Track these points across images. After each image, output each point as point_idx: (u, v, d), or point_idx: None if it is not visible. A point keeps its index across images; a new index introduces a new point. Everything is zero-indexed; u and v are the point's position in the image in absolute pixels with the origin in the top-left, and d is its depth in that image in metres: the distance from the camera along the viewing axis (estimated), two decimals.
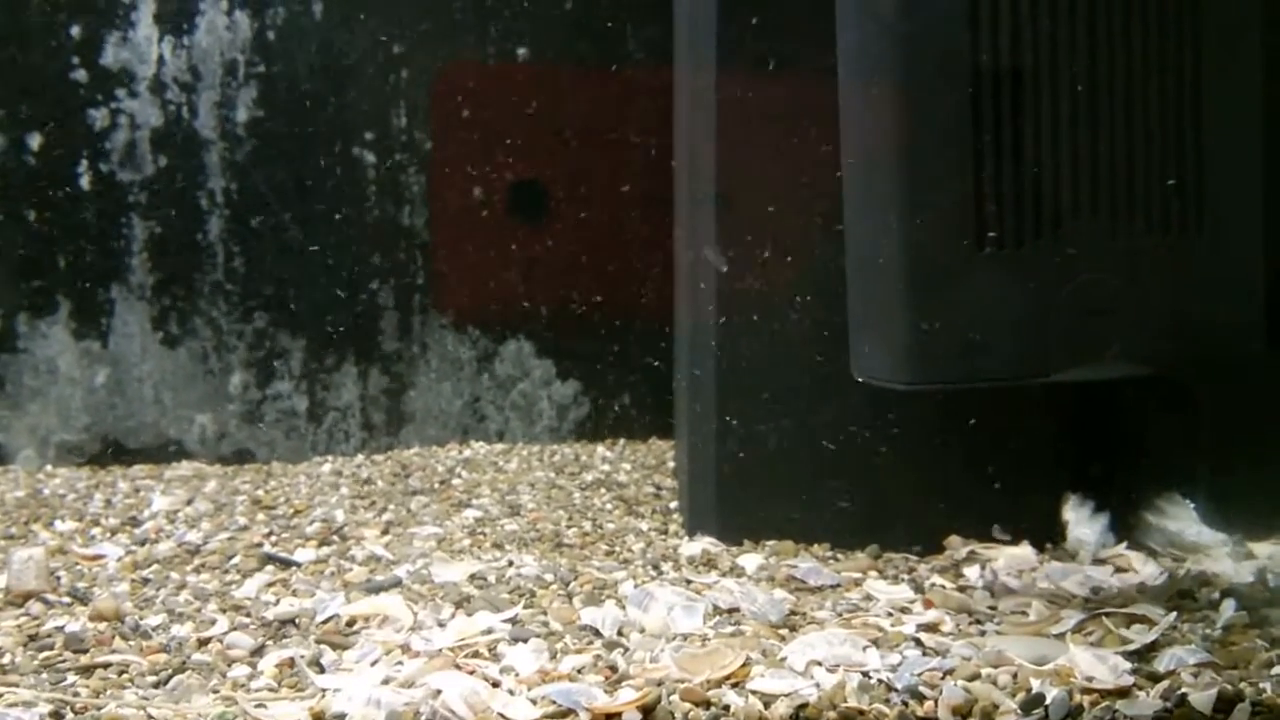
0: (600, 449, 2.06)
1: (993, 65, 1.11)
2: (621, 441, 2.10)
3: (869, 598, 1.31)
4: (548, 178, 2.03)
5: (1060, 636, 1.17)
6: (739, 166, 1.44)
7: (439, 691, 0.99)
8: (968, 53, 1.11)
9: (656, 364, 2.09)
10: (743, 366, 1.48)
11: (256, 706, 0.97)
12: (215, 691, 1.01)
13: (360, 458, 1.98)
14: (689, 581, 1.35)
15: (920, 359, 1.15)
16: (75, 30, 1.88)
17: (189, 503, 1.69)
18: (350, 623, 1.19)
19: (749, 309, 1.47)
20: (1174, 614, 1.22)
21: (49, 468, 1.90)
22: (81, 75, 1.89)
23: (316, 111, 1.94)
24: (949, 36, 1.11)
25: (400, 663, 1.07)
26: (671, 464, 1.94)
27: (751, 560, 1.44)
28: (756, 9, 1.41)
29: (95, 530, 1.57)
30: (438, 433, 2.05)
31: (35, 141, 1.88)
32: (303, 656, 1.07)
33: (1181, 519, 1.47)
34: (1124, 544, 1.46)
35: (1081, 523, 1.47)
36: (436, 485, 1.82)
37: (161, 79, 1.91)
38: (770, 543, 1.51)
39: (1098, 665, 1.09)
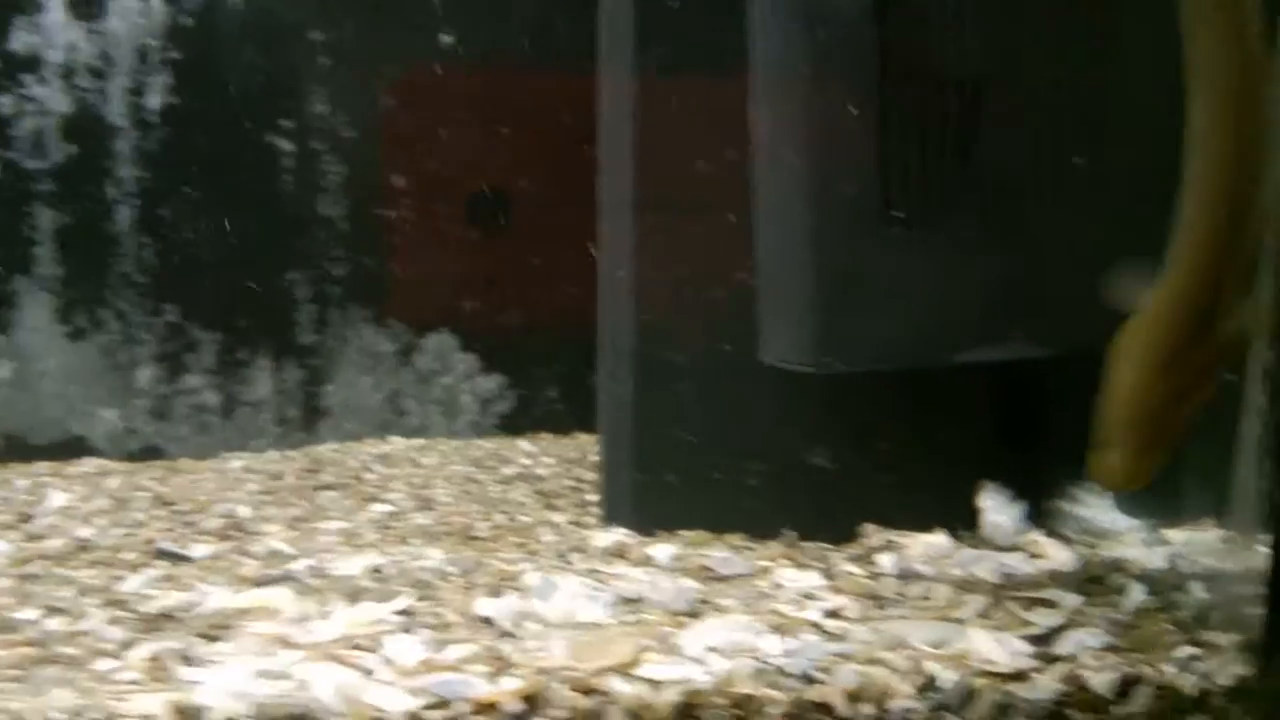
0: (523, 443, 2.02)
1: (897, 54, 1.09)
2: (545, 436, 2.06)
3: (778, 585, 1.29)
4: (475, 168, 2.00)
5: (962, 621, 1.15)
6: (657, 169, 1.41)
7: (308, 683, 0.95)
8: (873, 43, 1.09)
9: (582, 358, 2.06)
10: (660, 359, 1.45)
11: (116, 700, 0.92)
12: (73, 685, 0.96)
13: (273, 454, 1.93)
14: (596, 571, 1.32)
15: (826, 343, 1.13)
16: None
17: (87, 499, 1.63)
18: (233, 616, 1.14)
19: (666, 305, 1.43)
20: (1081, 599, 1.20)
21: None
22: None
23: (231, 99, 1.89)
24: (856, 27, 1.10)
25: (274, 655, 1.02)
26: (594, 458, 1.91)
27: (665, 550, 1.40)
28: (673, 18, 1.38)
29: None
30: (356, 428, 2.01)
31: None
32: (171, 650, 1.03)
33: (1096, 506, 1.45)
34: (1040, 531, 1.44)
35: (997, 510, 1.45)
36: (348, 480, 1.77)
37: (71, 65, 1.85)
38: (686, 533, 1.48)
39: (997, 649, 1.07)
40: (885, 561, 1.36)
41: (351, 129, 1.94)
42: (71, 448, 1.88)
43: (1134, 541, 1.43)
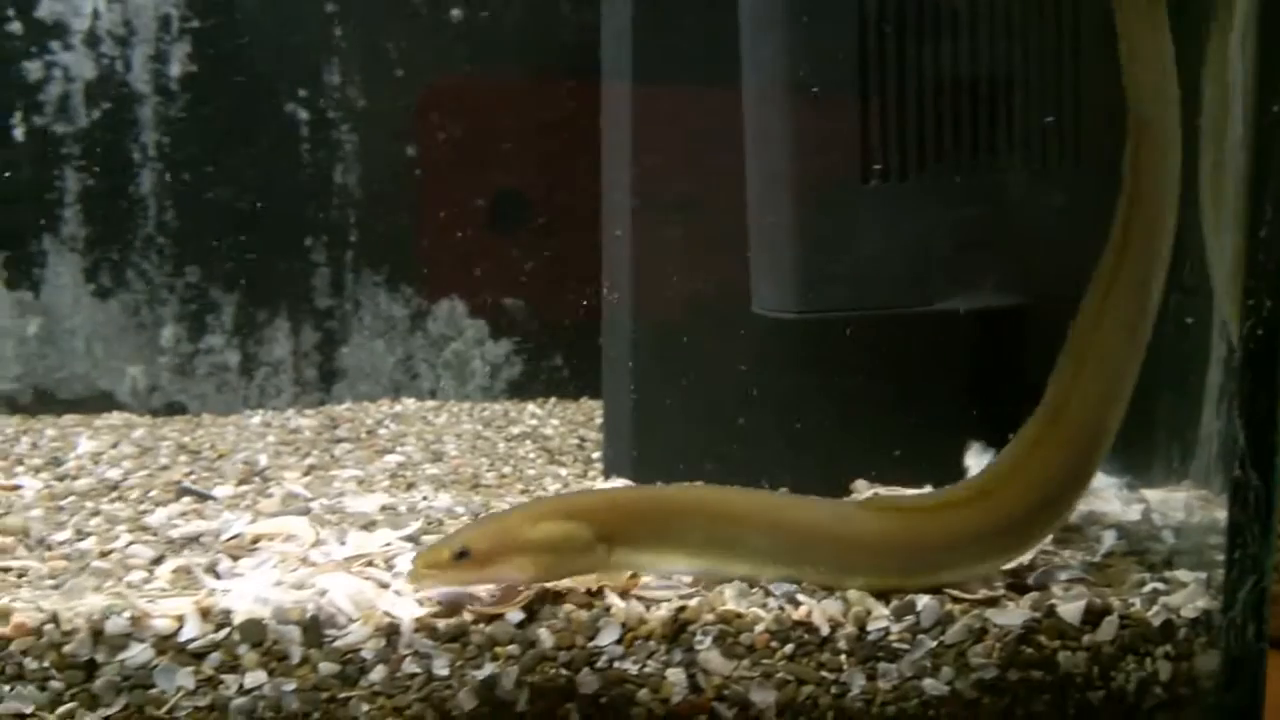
0: (531, 406, 2.09)
1: (878, 4, 1.15)
2: (552, 400, 2.13)
3: None
4: (489, 138, 2.06)
5: None
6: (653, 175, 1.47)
7: (326, 591, 1.02)
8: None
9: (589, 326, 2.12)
10: (657, 322, 1.51)
11: (147, 603, 0.99)
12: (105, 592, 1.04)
13: (291, 411, 2.00)
14: None
15: (807, 287, 1.19)
16: None
17: (114, 446, 1.70)
18: (254, 540, 1.21)
19: (664, 270, 1.49)
20: (1055, 545, 1.26)
21: None
22: (16, 27, 1.90)
23: (250, 67, 1.96)
24: None
25: (295, 570, 1.09)
26: (599, 421, 1.98)
27: None
28: (670, 31, 1.43)
29: (18, 469, 1.58)
30: (370, 389, 2.08)
31: None
32: (197, 564, 1.10)
33: None
34: None
35: (982, 466, 1.51)
36: (363, 435, 1.84)
37: (96, 32, 1.92)
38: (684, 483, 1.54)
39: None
40: None
41: (368, 99, 2.01)
42: (98, 403, 1.95)
43: (1110, 497, 1.49)
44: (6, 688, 0.95)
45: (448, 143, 2.04)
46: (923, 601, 1.08)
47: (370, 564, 1.12)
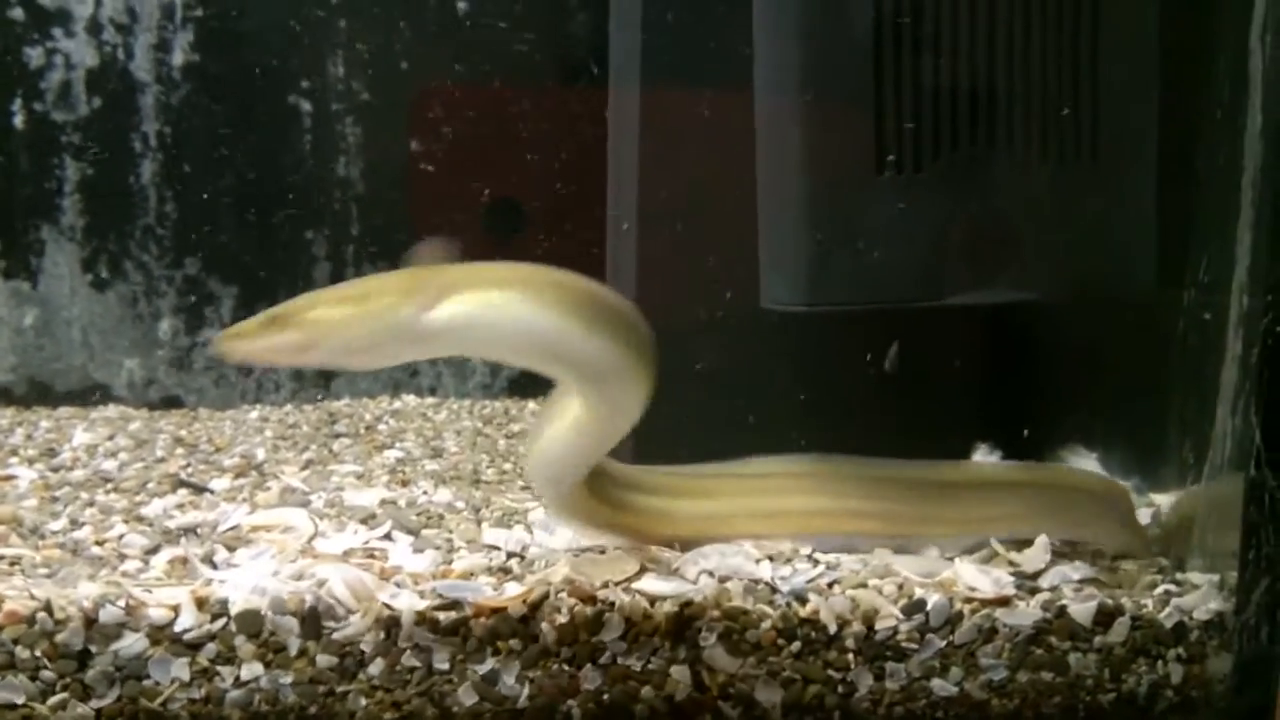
0: (532, 404, 2.07)
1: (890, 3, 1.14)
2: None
3: None
4: (490, 134, 2.04)
5: (950, 558, 1.19)
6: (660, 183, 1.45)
7: (325, 581, 1.00)
8: None
9: None
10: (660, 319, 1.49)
11: (142, 592, 0.97)
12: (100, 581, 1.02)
13: (289, 406, 1.98)
14: None
15: (819, 282, 1.18)
16: None
17: (110, 438, 1.68)
18: (252, 530, 1.19)
19: (668, 268, 1.47)
20: (1067, 546, 1.24)
21: None
22: (19, 14, 1.89)
23: (252, 58, 1.95)
24: None
25: (294, 560, 1.07)
26: None
27: None
28: (679, 39, 1.42)
29: (13, 459, 1.56)
30: (369, 385, 2.06)
31: None
32: (194, 554, 1.08)
33: (1083, 467, 1.49)
34: None
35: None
36: (362, 430, 1.82)
37: (98, 20, 1.91)
38: None
39: (981, 578, 1.11)
40: None
41: (369, 93, 1.99)
42: (94, 395, 1.93)
43: None
44: None
45: (449, 142, 2.02)
46: (932, 600, 1.06)
47: (371, 556, 1.10)
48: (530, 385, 2.13)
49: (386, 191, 2.02)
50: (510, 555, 1.15)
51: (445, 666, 0.98)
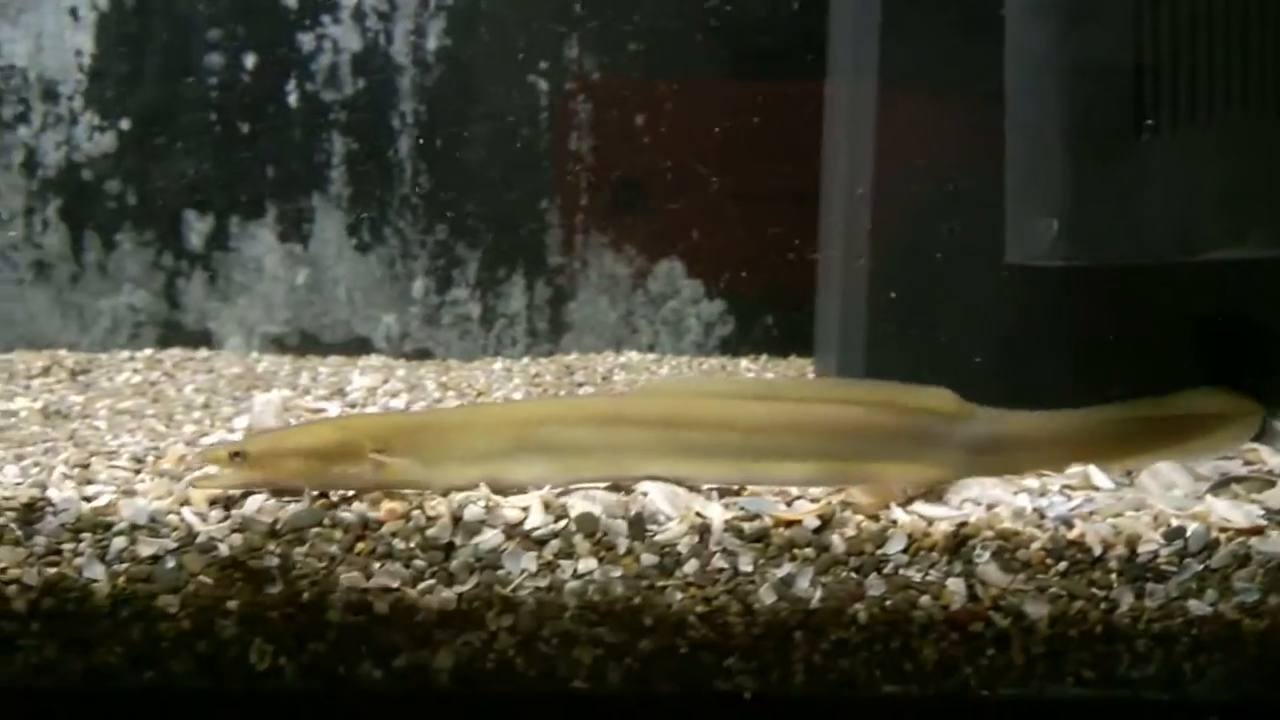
0: (744, 362, 2.21)
1: None
2: (764, 356, 2.24)
3: None
4: (714, 115, 2.17)
5: (1200, 497, 1.27)
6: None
7: (647, 493, 1.15)
8: None
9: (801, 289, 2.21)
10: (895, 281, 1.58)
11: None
12: None
13: (526, 359, 2.16)
14: None
15: (1077, 237, 1.27)
16: None
17: (385, 382, 1.88)
18: None
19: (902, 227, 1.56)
20: None
21: (254, 355, 2.12)
22: (292, 2, 2.10)
23: (497, 41, 2.12)
24: None
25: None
26: (811, 375, 2.08)
27: None
28: (919, 33, 1.51)
29: (309, 397, 1.77)
30: (594, 341, 2.22)
31: (250, 61, 2.10)
32: None
33: None
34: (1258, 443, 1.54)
35: None
36: (599, 381, 1.98)
37: (362, 8, 2.11)
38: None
39: (1233, 511, 1.19)
40: None
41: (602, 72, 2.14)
42: (356, 347, 2.15)
43: None
44: (377, 565, 1.11)
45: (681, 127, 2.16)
46: (1191, 527, 1.15)
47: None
48: (740, 343, 2.26)
49: (610, 168, 2.17)
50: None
51: (749, 569, 1.12)
